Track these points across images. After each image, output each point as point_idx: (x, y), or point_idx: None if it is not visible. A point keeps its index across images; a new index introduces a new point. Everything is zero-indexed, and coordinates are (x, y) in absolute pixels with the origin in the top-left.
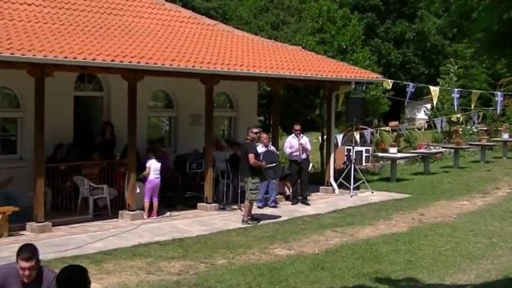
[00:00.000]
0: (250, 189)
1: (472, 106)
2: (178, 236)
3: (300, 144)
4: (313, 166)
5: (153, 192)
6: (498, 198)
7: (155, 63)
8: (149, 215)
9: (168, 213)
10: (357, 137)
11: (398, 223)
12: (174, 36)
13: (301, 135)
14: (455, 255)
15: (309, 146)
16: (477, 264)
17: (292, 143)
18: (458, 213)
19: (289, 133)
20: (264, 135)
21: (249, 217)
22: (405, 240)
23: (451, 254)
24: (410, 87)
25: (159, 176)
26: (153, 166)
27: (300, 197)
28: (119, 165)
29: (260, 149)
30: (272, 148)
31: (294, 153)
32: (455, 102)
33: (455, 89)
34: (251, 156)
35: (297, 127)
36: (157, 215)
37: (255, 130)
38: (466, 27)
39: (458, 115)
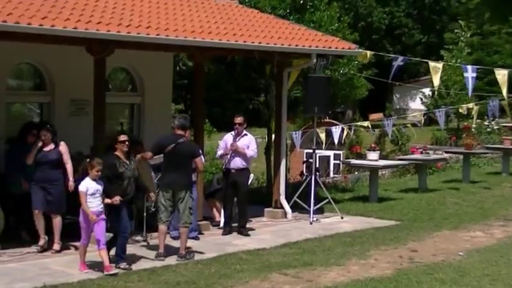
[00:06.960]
0: (191, 208)
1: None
2: (51, 282)
3: (233, 145)
4: (255, 178)
5: None
6: None
7: (17, 23)
8: None
9: (34, 247)
10: (322, 136)
11: (378, 263)
12: None
13: (244, 132)
14: None
15: (251, 151)
16: None
17: (227, 143)
18: (468, 249)
19: (220, 129)
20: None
21: (186, 250)
22: None
23: None
24: (399, 61)
25: None
26: None
27: (236, 224)
28: None
29: None
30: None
31: (225, 159)
32: (470, 85)
33: (469, 66)
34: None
35: (238, 120)
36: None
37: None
38: None
39: (470, 105)
